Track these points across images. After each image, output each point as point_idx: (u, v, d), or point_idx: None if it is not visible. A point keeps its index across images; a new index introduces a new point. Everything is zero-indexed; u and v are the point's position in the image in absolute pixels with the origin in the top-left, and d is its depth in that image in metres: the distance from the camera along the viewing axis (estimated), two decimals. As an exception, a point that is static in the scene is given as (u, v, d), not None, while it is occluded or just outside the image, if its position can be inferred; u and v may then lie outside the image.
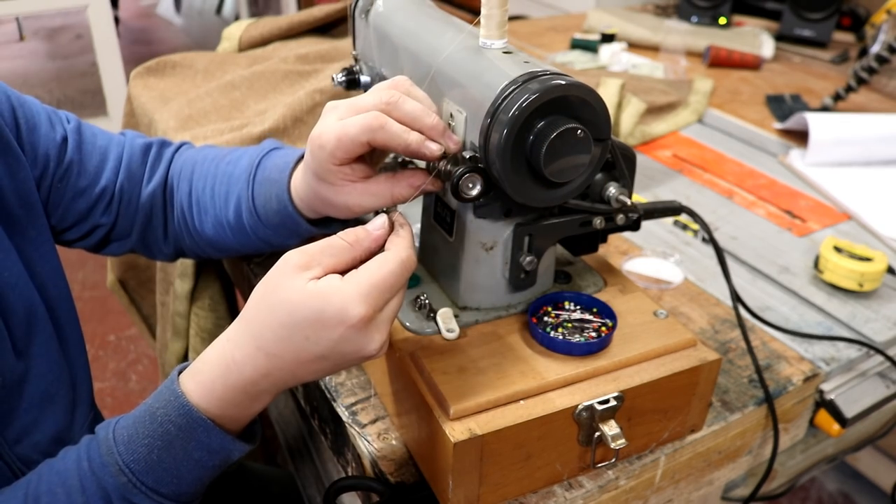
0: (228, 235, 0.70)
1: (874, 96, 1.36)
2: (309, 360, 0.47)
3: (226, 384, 0.48)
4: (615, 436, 0.54)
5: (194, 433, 0.48)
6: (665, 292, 0.79)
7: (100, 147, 0.70)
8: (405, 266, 0.48)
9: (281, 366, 0.47)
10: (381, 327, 0.47)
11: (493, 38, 0.55)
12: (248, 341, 0.48)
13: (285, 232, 0.67)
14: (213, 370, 0.49)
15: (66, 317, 0.66)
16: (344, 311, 0.45)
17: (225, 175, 0.69)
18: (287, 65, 1.22)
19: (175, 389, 0.49)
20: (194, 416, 0.48)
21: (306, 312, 0.45)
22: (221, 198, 0.69)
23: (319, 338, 0.46)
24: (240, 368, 0.48)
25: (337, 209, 0.60)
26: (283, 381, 0.49)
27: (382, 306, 0.47)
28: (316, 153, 0.56)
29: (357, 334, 0.46)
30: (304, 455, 1.03)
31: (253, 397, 0.49)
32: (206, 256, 0.77)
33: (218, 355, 0.49)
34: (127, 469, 0.48)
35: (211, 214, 0.70)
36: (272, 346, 0.47)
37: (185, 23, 4.79)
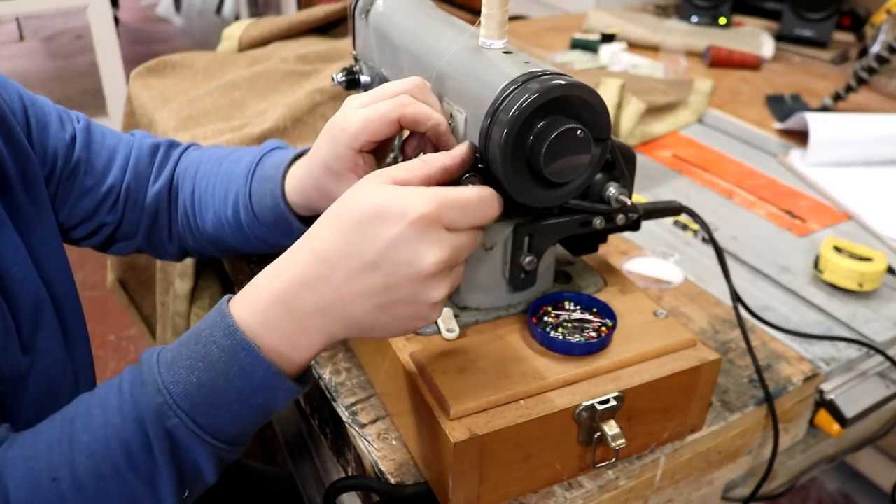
0: (227, 233, 0.70)
1: (874, 96, 1.36)
2: (360, 269, 0.44)
3: (270, 294, 0.45)
4: (615, 436, 0.54)
5: (236, 357, 0.45)
6: (665, 292, 0.79)
7: (108, 146, 0.70)
8: (484, 198, 0.46)
9: (329, 275, 0.44)
10: (444, 247, 0.44)
11: (494, 38, 0.55)
12: (304, 244, 0.46)
13: (279, 231, 0.66)
14: (261, 280, 0.47)
15: (72, 313, 0.66)
16: (408, 203, 0.43)
17: (226, 173, 0.69)
18: (287, 65, 1.22)
19: (223, 309, 0.46)
20: (237, 337, 0.45)
21: (368, 206, 0.43)
22: (221, 195, 0.69)
23: (375, 234, 0.43)
24: (286, 274, 0.45)
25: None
26: (328, 302, 0.45)
27: (450, 225, 0.44)
28: (336, 136, 0.55)
29: (415, 235, 0.43)
30: (304, 455, 1.03)
31: (297, 320, 0.45)
32: (208, 255, 0.77)
33: (270, 267, 0.47)
34: (165, 390, 0.45)
35: (211, 211, 0.70)
36: (326, 248, 0.44)
37: (185, 23, 4.79)
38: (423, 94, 0.54)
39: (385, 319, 0.46)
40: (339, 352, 0.69)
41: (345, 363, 0.68)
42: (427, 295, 0.45)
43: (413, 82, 0.54)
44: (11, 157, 0.60)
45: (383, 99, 0.54)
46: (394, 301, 0.45)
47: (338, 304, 0.45)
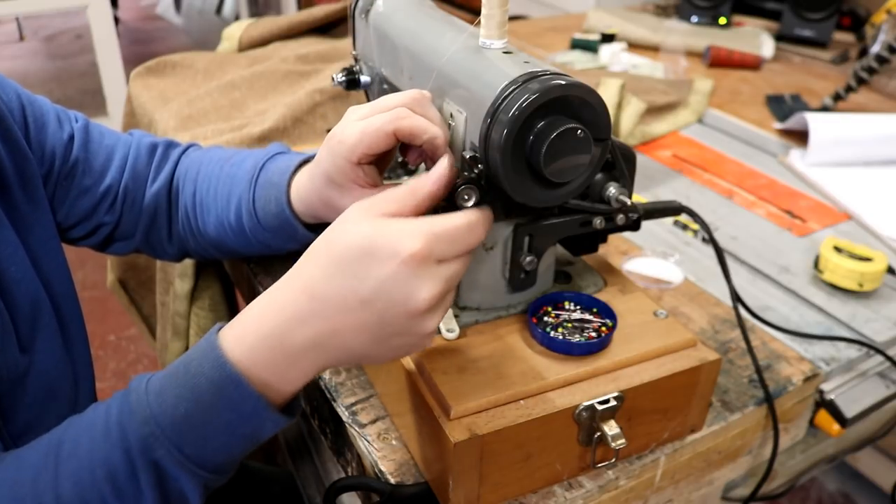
0: (230, 237, 0.70)
1: (874, 96, 1.36)
2: (353, 306, 0.43)
3: (260, 330, 0.45)
4: (615, 436, 0.54)
5: (225, 390, 0.45)
6: (665, 292, 0.79)
7: (106, 146, 0.70)
8: (472, 223, 0.46)
9: (323, 312, 0.44)
10: (437, 281, 0.44)
11: (494, 38, 0.55)
12: (292, 282, 0.45)
13: (283, 236, 0.66)
14: (250, 316, 0.46)
15: (71, 313, 0.66)
16: (399, 242, 0.43)
17: (228, 176, 0.69)
18: (287, 65, 1.22)
19: (212, 340, 0.46)
20: (227, 371, 0.45)
21: (360, 244, 0.43)
22: (223, 199, 0.69)
23: (367, 274, 0.43)
24: (277, 311, 0.45)
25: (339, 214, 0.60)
26: (322, 336, 0.45)
27: (441, 257, 0.44)
28: (334, 149, 0.56)
29: (408, 274, 0.43)
30: (304, 455, 1.03)
31: (288, 355, 0.45)
32: (210, 257, 0.77)
33: (258, 302, 0.47)
34: (153, 420, 0.45)
35: (213, 215, 0.70)
36: (317, 286, 0.44)
37: (185, 23, 4.79)
38: (421, 107, 0.54)
39: (379, 349, 0.46)
40: (339, 352, 0.69)
41: (345, 363, 0.68)
42: (421, 327, 0.46)
43: (411, 95, 0.54)
44: (9, 156, 0.60)
45: (381, 112, 0.54)
46: (388, 334, 0.45)
47: (332, 339, 0.45)
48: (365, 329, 0.45)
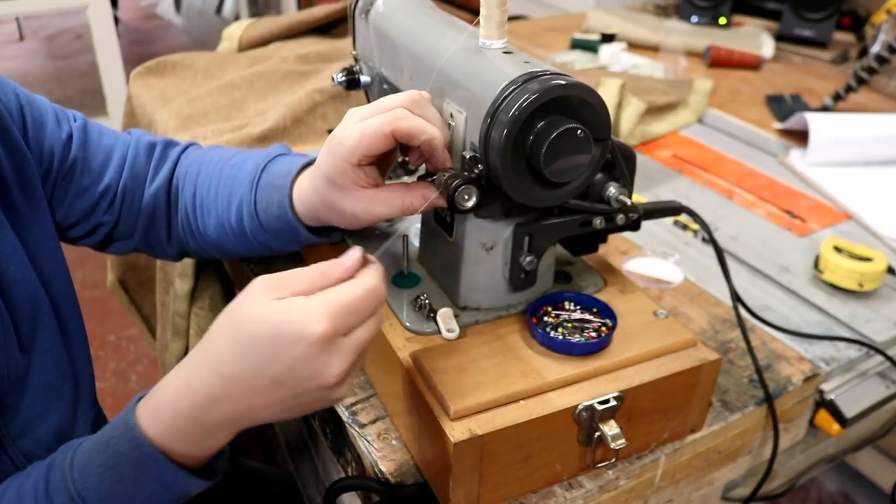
0: (230, 238, 0.70)
1: (874, 96, 1.36)
2: (265, 386, 0.45)
3: (175, 410, 0.47)
4: (615, 436, 0.54)
5: (144, 466, 0.47)
6: (665, 292, 0.79)
7: (105, 146, 0.70)
8: (373, 293, 0.46)
9: (234, 392, 0.45)
10: (344, 355, 0.45)
11: (493, 38, 0.55)
12: (204, 363, 0.47)
13: (285, 238, 0.66)
14: (166, 395, 0.48)
15: (70, 313, 0.66)
16: (304, 325, 0.43)
17: (229, 178, 0.69)
18: (287, 65, 1.22)
19: (129, 420, 0.48)
20: (145, 450, 0.47)
21: (266, 327, 0.44)
22: (224, 200, 0.68)
23: (276, 356, 0.44)
24: (191, 393, 0.46)
25: (342, 216, 0.59)
26: (237, 413, 0.46)
27: (346, 330, 0.45)
28: (334, 150, 0.56)
29: (316, 355, 0.44)
30: (304, 455, 1.02)
31: (205, 430, 0.47)
32: (210, 258, 0.77)
33: (173, 379, 0.48)
34: (78, 497, 0.47)
35: (214, 216, 0.69)
36: (227, 367, 0.45)
37: (185, 23, 4.79)
38: (420, 108, 0.54)
39: (292, 413, 0.48)
40: (339, 352, 0.69)
41: (345, 363, 0.67)
42: (333, 395, 0.47)
43: (410, 96, 0.54)
44: (7, 156, 0.60)
45: (380, 113, 0.54)
46: (300, 405, 0.47)
47: (246, 413, 0.47)
48: (277, 403, 0.46)
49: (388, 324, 0.59)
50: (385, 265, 0.65)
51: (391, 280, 0.64)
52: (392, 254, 0.67)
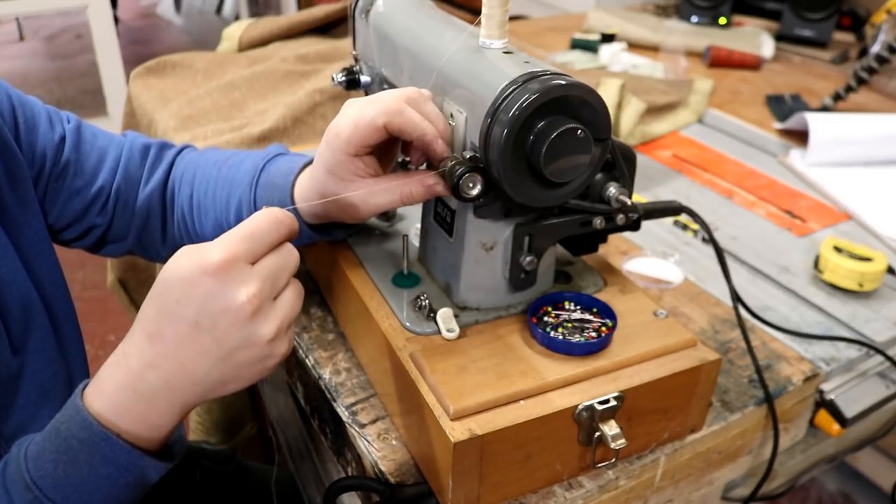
0: None
1: (874, 96, 1.36)
2: (187, 334, 0.45)
3: (115, 382, 0.47)
4: (615, 436, 0.54)
5: (96, 447, 0.46)
6: (665, 292, 0.79)
7: (99, 147, 0.70)
8: (271, 217, 0.46)
9: (163, 350, 0.45)
10: (250, 280, 0.44)
11: (494, 38, 0.55)
12: (136, 329, 0.47)
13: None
14: (107, 370, 0.48)
15: (64, 314, 0.66)
16: (203, 258, 0.43)
17: (227, 179, 0.68)
18: (287, 65, 1.22)
19: (77, 403, 0.48)
20: (95, 430, 0.46)
21: (174, 273, 0.44)
22: (222, 201, 0.68)
23: (187, 297, 0.44)
24: (126, 360, 0.47)
25: (344, 209, 0.59)
26: (172, 375, 0.46)
27: (249, 257, 0.45)
28: (332, 142, 0.56)
29: (219, 284, 0.43)
30: (304, 455, 1.02)
31: (146, 401, 0.46)
32: None
33: (113, 356, 0.48)
34: (34, 485, 0.47)
35: (212, 217, 0.69)
36: (151, 324, 0.45)
37: (185, 23, 4.79)
38: (417, 104, 0.54)
39: (231, 371, 0.47)
40: (339, 352, 0.69)
41: (345, 363, 0.68)
42: (258, 333, 0.45)
43: (408, 92, 0.55)
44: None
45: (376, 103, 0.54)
46: (229, 351, 0.46)
47: (180, 373, 0.46)
48: (206, 353, 0.45)
49: (388, 324, 0.59)
50: (385, 265, 0.66)
51: (391, 280, 0.64)
52: (392, 254, 0.67)
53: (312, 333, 0.71)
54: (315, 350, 0.69)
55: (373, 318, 0.60)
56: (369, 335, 0.62)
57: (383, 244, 0.69)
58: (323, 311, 0.74)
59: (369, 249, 0.68)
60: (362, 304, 0.62)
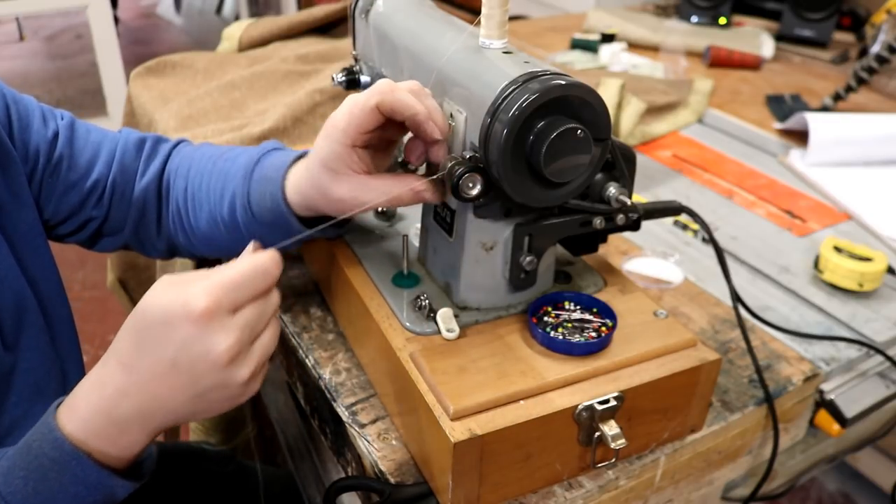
0: (222, 232, 0.69)
1: (874, 96, 1.36)
2: (164, 371, 0.46)
3: (88, 406, 0.48)
4: (615, 436, 0.54)
5: (67, 466, 0.47)
6: (665, 292, 0.79)
7: (93, 142, 0.70)
8: (256, 267, 0.47)
9: (139, 382, 0.46)
10: (230, 330, 0.45)
11: (494, 38, 0.55)
12: (112, 357, 0.48)
13: (277, 231, 0.65)
14: (81, 393, 0.49)
15: (59, 311, 0.66)
16: (186, 303, 0.44)
17: (222, 172, 0.68)
18: (287, 65, 1.22)
19: (49, 421, 0.48)
20: (66, 449, 0.47)
21: (156, 312, 0.45)
22: (217, 193, 0.68)
23: (167, 338, 0.45)
24: (102, 387, 0.47)
25: (331, 202, 0.59)
26: (145, 404, 0.47)
27: (232, 307, 0.45)
28: (330, 133, 0.56)
29: (201, 331, 0.44)
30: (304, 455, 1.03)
31: (118, 425, 0.48)
32: (200, 255, 0.76)
33: (88, 378, 0.49)
34: (3, 501, 0.47)
35: (206, 210, 0.69)
36: (128, 357, 0.47)
37: (185, 23, 4.79)
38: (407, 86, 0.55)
39: (203, 405, 0.48)
40: (339, 352, 0.69)
41: (345, 363, 0.68)
42: (234, 378, 0.47)
43: (407, 84, 0.55)
44: None
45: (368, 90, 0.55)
46: (204, 390, 0.47)
47: (153, 404, 0.47)
48: (180, 389, 0.46)
49: (388, 324, 0.59)
50: (385, 265, 0.66)
51: (391, 280, 0.64)
52: (392, 254, 0.67)
53: (312, 333, 0.71)
54: (315, 350, 0.69)
55: (373, 318, 0.60)
56: (369, 335, 0.62)
57: (383, 244, 0.69)
58: (323, 311, 0.74)
59: (369, 249, 0.68)
60: (362, 304, 0.62)
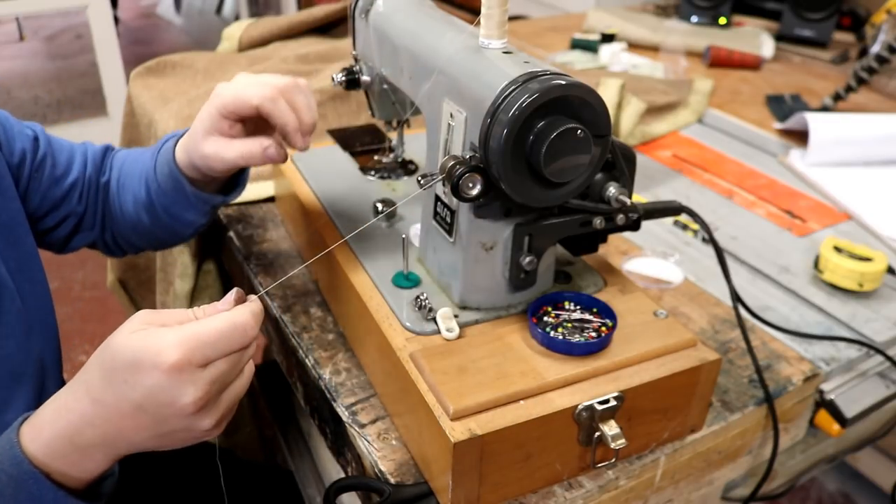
0: (143, 213, 0.75)
1: (874, 96, 1.36)
2: (130, 411, 0.47)
3: (53, 430, 0.48)
4: (615, 436, 0.54)
5: (24, 484, 0.48)
6: (665, 292, 0.79)
7: (66, 146, 0.77)
8: (236, 327, 0.47)
9: (104, 415, 0.47)
10: (198, 384, 0.46)
11: (493, 38, 0.55)
12: (79, 386, 0.48)
13: (178, 197, 0.71)
14: (46, 415, 0.49)
15: (38, 303, 0.68)
16: (158, 354, 0.45)
17: (142, 161, 0.76)
18: (287, 65, 1.22)
19: (11, 438, 0.49)
20: (25, 468, 0.48)
21: (127, 355, 0.46)
22: (136, 176, 0.75)
23: (136, 383, 0.46)
24: (68, 414, 0.48)
25: (202, 158, 0.65)
26: (110, 436, 0.48)
27: (202, 361, 0.46)
28: (213, 100, 0.63)
29: (169, 382, 0.45)
30: (304, 455, 1.03)
31: (81, 451, 0.48)
32: (133, 245, 0.81)
33: (54, 401, 0.49)
34: None
35: (130, 193, 0.76)
36: (97, 391, 0.47)
37: (185, 23, 4.79)
38: (291, 93, 0.63)
39: (167, 442, 0.49)
40: (339, 352, 0.69)
41: (345, 363, 0.68)
42: (198, 425, 0.48)
43: (287, 81, 0.63)
44: None
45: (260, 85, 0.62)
46: (168, 432, 0.48)
47: (118, 436, 0.48)
48: (145, 429, 0.48)
49: (388, 324, 0.59)
50: (385, 265, 0.66)
51: (391, 280, 0.64)
52: (392, 254, 0.67)
53: (312, 333, 0.71)
54: (315, 350, 0.69)
55: (373, 318, 0.60)
56: (369, 335, 0.62)
57: (383, 244, 0.69)
58: (323, 311, 0.74)
59: (369, 249, 0.68)
60: (362, 304, 0.62)
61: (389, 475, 0.57)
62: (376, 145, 0.86)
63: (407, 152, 0.83)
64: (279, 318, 0.74)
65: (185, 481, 0.89)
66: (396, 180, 0.80)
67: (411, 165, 0.83)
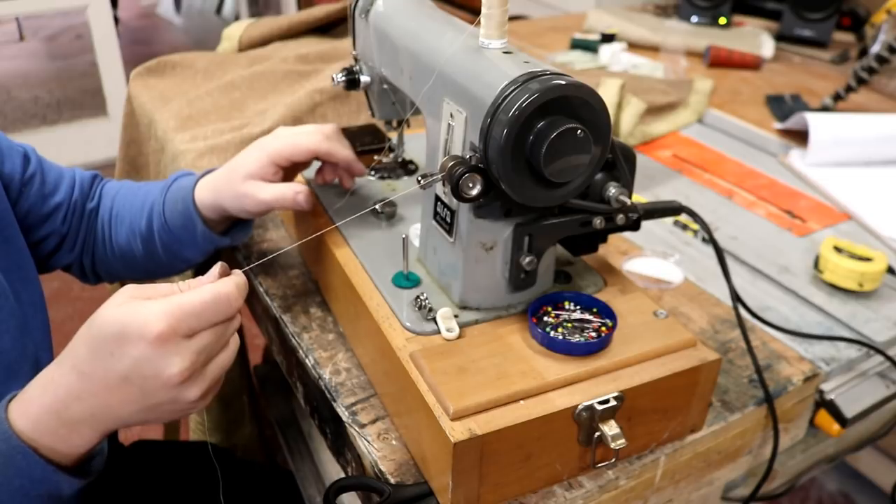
0: (137, 245, 0.76)
1: (874, 96, 1.36)
2: (116, 383, 0.47)
3: (41, 405, 0.49)
4: (615, 436, 0.54)
5: (12, 460, 0.48)
6: (665, 292, 0.79)
7: (55, 168, 0.78)
8: (220, 298, 0.48)
9: (91, 388, 0.48)
10: (184, 355, 0.47)
11: (493, 38, 0.55)
12: (66, 360, 0.49)
13: (186, 236, 0.72)
14: (34, 391, 0.50)
15: (31, 299, 0.68)
16: (144, 325, 0.45)
17: (145, 192, 0.77)
18: (287, 65, 1.22)
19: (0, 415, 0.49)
20: (13, 443, 0.48)
21: (113, 327, 0.46)
22: (137, 208, 0.76)
23: (121, 354, 0.46)
24: (55, 388, 0.49)
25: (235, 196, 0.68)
26: (97, 410, 0.48)
27: (188, 332, 0.47)
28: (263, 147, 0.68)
29: (155, 353, 0.46)
30: (304, 455, 1.03)
31: (68, 426, 0.49)
32: (111, 275, 0.82)
33: (41, 377, 0.50)
34: None
35: (126, 224, 0.76)
36: (83, 364, 0.48)
37: (185, 23, 4.79)
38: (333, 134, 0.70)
39: (154, 415, 0.50)
40: (339, 352, 0.69)
41: (345, 363, 0.68)
42: (184, 396, 0.48)
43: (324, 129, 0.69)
44: None
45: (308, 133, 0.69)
46: (155, 404, 0.49)
47: (105, 409, 0.49)
48: (132, 402, 0.48)
49: (388, 324, 0.59)
50: (385, 265, 0.66)
51: (391, 280, 0.64)
52: (392, 254, 0.67)
53: (312, 333, 0.71)
54: (315, 350, 0.69)
55: (373, 318, 0.60)
56: (369, 335, 0.62)
57: (383, 244, 0.69)
58: (323, 311, 0.74)
59: (369, 249, 0.68)
60: (362, 304, 0.62)
61: (389, 475, 0.57)
62: (376, 145, 0.86)
63: (407, 152, 0.83)
64: (279, 318, 0.74)
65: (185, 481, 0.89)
66: (396, 180, 0.81)
67: (411, 165, 0.83)
